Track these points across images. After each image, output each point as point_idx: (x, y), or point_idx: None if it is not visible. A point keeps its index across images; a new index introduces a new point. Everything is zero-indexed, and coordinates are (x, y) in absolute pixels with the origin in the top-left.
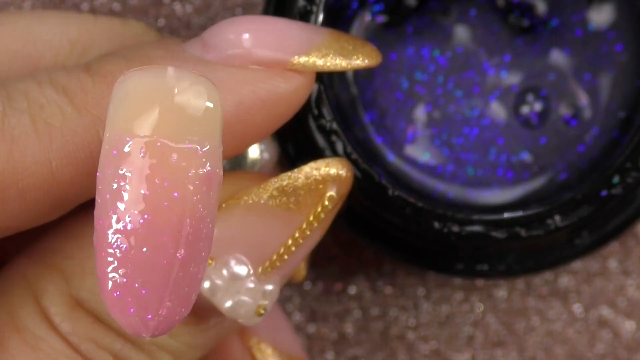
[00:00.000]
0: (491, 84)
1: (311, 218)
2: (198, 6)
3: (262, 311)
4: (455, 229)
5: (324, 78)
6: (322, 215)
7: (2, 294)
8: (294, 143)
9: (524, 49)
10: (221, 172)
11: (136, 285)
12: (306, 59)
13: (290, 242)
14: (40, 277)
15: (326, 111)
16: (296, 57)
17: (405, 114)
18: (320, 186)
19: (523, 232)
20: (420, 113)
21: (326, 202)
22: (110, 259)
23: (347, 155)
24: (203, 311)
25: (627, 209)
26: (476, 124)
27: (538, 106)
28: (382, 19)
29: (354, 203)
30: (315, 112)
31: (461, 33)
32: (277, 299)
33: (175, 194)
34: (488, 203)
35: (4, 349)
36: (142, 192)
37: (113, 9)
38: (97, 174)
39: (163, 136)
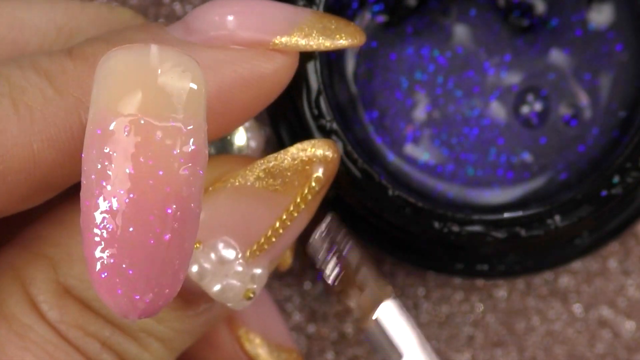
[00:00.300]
0: (491, 84)
1: (298, 199)
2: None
3: (251, 295)
4: (455, 229)
5: (324, 78)
6: (309, 197)
7: None
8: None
9: (524, 48)
10: (207, 151)
11: (123, 265)
12: (288, 38)
13: (277, 224)
14: (27, 265)
15: (326, 111)
16: (278, 37)
17: (405, 114)
18: (307, 167)
19: (523, 232)
20: (420, 113)
21: (313, 183)
22: (97, 239)
23: (347, 155)
24: (192, 296)
25: (627, 209)
26: (476, 124)
27: (538, 106)
28: (382, 18)
29: (354, 203)
30: (315, 112)
31: (461, 33)
32: (265, 284)
33: (160, 172)
34: (488, 203)
35: None
36: (127, 171)
37: None
38: (82, 155)
39: (147, 115)
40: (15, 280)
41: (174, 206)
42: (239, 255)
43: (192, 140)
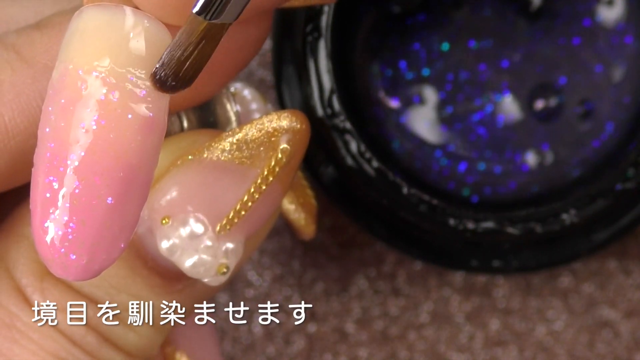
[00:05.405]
0: (505, 78)
1: (266, 172)
2: None
3: (224, 269)
4: (471, 225)
5: (337, 76)
6: (277, 169)
7: None
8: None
9: (538, 42)
10: (165, 120)
11: (64, 223)
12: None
13: (245, 197)
14: (10, 248)
15: (339, 110)
16: None
17: (417, 111)
18: (273, 139)
19: (538, 228)
20: (432, 109)
21: (279, 155)
22: (47, 194)
23: (361, 154)
24: (170, 274)
25: None
26: (490, 119)
27: (553, 101)
28: (392, 11)
29: (368, 201)
30: (329, 111)
31: (473, 25)
32: (240, 258)
33: (111, 135)
34: (503, 199)
35: None
36: (81, 127)
37: None
38: (42, 108)
39: (108, 74)
40: (0, 265)
41: (121, 172)
42: (209, 230)
43: (150, 107)
